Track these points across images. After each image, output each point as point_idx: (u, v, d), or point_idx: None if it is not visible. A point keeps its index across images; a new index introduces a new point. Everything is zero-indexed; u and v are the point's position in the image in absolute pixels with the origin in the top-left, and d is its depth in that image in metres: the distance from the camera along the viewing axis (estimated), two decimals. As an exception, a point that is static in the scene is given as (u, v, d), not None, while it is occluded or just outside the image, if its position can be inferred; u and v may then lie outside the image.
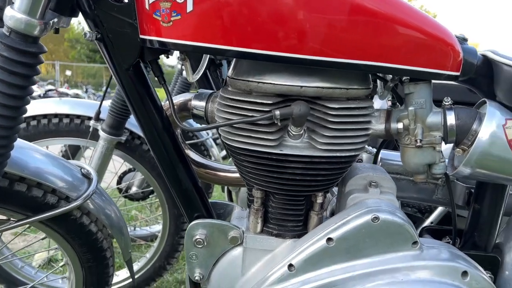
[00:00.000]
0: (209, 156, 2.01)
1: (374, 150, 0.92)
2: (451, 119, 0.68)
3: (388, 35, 0.64)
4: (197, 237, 0.79)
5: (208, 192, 2.20)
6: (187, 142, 1.99)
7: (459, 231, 0.87)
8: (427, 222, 1.43)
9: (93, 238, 0.97)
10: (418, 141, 0.69)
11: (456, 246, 0.87)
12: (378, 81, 0.79)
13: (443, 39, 0.66)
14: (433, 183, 0.91)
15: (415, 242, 0.70)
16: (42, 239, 1.17)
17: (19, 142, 0.83)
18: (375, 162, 0.89)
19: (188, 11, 0.60)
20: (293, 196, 0.75)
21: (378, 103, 1.24)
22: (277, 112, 0.66)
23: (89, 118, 1.49)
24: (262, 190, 0.76)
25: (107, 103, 1.49)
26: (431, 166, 0.72)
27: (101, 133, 1.45)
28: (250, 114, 0.69)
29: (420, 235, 0.91)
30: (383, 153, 0.97)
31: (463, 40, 0.71)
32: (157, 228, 2.32)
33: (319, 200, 0.77)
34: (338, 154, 0.70)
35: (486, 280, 0.70)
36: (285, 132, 0.71)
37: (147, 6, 0.64)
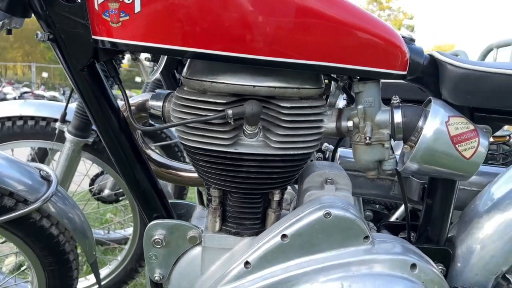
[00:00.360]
0: (183, 157, 2.00)
1: (332, 147, 0.94)
2: (398, 117, 0.70)
3: (337, 36, 0.66)
4: (156, 237, 0.79)
5: (183, 193, 2.19)
6: (161, 143, 1.98)
7: (415, 226, 0.90)
8: (392, 218, 1.47)
9: (54, 241, 0.96)
10: (367, 138, 0.71)
11: (412, 240, 0.90)
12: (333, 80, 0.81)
13: (389, 40, 0.69)
14: (389, 179, 0.93)
15: (366, 237, 0.72)
16: (2, 243, 1.15)
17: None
18: (333, 159, 0.90)
19: (136, 11, 0.61)
20: (250, 195, 0.76)
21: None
22: (230, 112, 0.67)
23: (55, 120, 1.47)
24: (219, 189, 0.77)
25: (73, 105, 1.48)
26: (381, 163, 0.75)
27: (67, 135, 1.43)
28: (204, 114, 0.70)
29: (379, 230, 0.93)
30: (342, 151, 0.99)
31: (410, 40, 0.74)
32: (131, 230, 2.30)
33: (276, 197, 0.78)
34: (291, 152, 0.72)
35: (434, 272, 0.72)
36: (240, 131, 0.73)
37: (96, 7, 0.64)
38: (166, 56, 0.91)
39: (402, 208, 1.47)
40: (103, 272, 1.76)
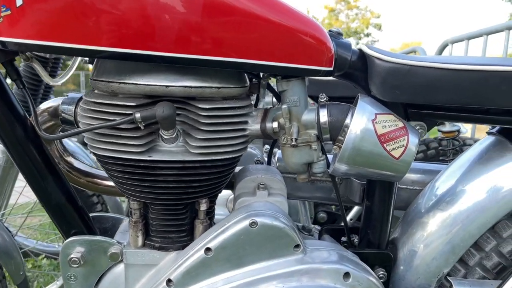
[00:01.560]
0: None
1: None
2: (323, 116, 0.65)
3: (254, 31, 0.61)
4: (72, 256, 0.72)
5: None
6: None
7: (357, 229, 0.86)
8: (347, 218, 1.44)
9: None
10: (293, 140, 0.65)
11: (355, 244, 0.85)
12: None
13: (312, 34, 0.64)
14: (329, 181, 0.89)
15: (297, 246, 0.67)
16: None
17: None
18: (269, 162, 0.85)
19: (18, 5, 0.54)
20: (172, 206, 0.70)
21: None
22: (138, 115, 0.61)
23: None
24: (139, 200, 0.70)
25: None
26: (311, 165, 0.70)
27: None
28: (113, 118, 0.63)
29: (320, 235, 0.89)
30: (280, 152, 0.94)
31: (338, 34, 0.69)
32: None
33: (203, 207, 0.72)
34: (213, 157, 0.66)
35: (370, 280, 0.68)
36: (157, 137, 0.66)
37: (-23, 1, 0.56)
38: (79, 58, 0.83)
39: (356, 209, 1.45)
40: (51, 288, 1.65)
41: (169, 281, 0.67)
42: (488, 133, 0.81)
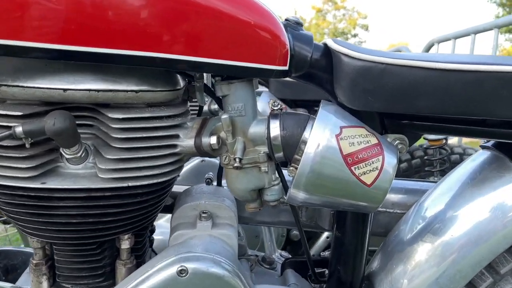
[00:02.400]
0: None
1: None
2: (275, 128, 0.50)
3: (184, 19, 0.45)
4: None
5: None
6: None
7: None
8: (322, 237, 1.29)
9: None
10: (237, 160, 0.50)
11: (324, 280, 0.71)
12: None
13: (260, 24, 0.49)
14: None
15: (243, 297, 0.52)
16: None
17: None
18: (219, 182, 0.70)
19: None
20: (81, 245, 0.54)
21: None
22: (19, 129, 0.45)
23: None
24: (38, 238, 0.54)
25: None
26: (262, 192, 0.54)
27: None
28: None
29: (283, 270, 0.73)
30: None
31: (296, 24, 0.54)
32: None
33: (125, 245, 0.56)
34: (130, 183, 0.50)
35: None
36: (59, 156, 0.50)
37: None
38: None
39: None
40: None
41: None
42: (483, 147, 0.66)
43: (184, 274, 0.49)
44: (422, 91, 0.50)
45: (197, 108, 0.66)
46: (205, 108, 1.15)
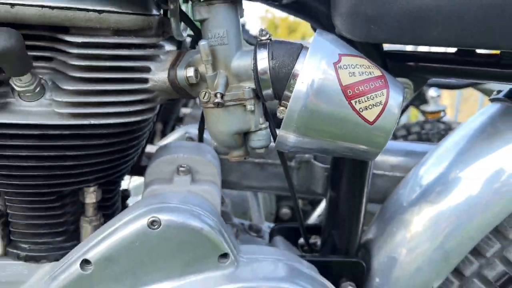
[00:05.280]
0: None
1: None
2: (263, 60, 0.43)
3: None
4: None
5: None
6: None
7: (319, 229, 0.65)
8: (314, 215, 1.23)
9: None
10: (219, 96, 0.43)
11: (317, 248, 0.64)
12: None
13: None
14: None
15: (224, 255, 0.45)
16: None
17: None
18: (200, 138, 0.62)
19: None
20: (37, 195, 0.46)
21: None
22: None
23: None
24: (-12, 188, 0.47)
25: None
26: (247, 136, 0.47)
27: None
28: None
29: (271, 237, 0.67)
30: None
31: None
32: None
33: (91, 198, 0.49)
34: (92, 121, 0.43)
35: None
36: (10, 90, 0.43)
37: None
38: None
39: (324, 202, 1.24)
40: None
41: (31, 309, 0.44)
42: (492, 99, 0.60)
43: (156, 226, 0.42)
44: (434, 18, 0.43)
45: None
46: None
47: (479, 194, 0.57)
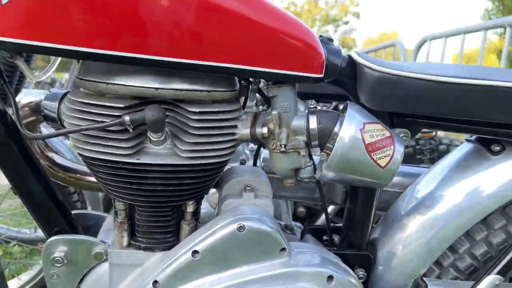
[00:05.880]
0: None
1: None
2: (313, 123, 0.66)
3: (244, 35, 0.60)
4: (56, 255, 0.71)
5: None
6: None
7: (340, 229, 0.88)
8: (322, 217, 1.47)
9: None
10: (283, 146, 0.66)
11: (336, 244, 0.88)
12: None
13: (303, 40, 0.64)
14: (313, 182, 0.90)
15: (283, 249, 0.68)
16: None
17: None
18: (255, 163, 0.86)
19: (3, 2, 0.51)
20: (159, 208, 0.70)
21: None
22: (127, 118, 0.60)
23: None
24: (125, 202, 0.70)
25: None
26: (298, 170, 0.71)
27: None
28: (100, 120, 0.62)
29: (303, 235, 0.90)
30: (266, 153, 0.94)
31: (328, 40, 0.69)
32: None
33: (190, 209, 0.72)
34: (202, 161, 0.66)
35: (352, 282, 0.70)
36: (145, 138, 0.65)
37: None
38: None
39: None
40: (24, 277, 1.63)
41: (155, 282, 0.67)
42: (467, 140, 0.84)
43: (242, 230, 0.66)
44: (425, 97, 0.66)
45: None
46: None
47: (455, 208, 0.80)
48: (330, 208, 1.36)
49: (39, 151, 0.83)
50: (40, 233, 2.16)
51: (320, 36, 0.70)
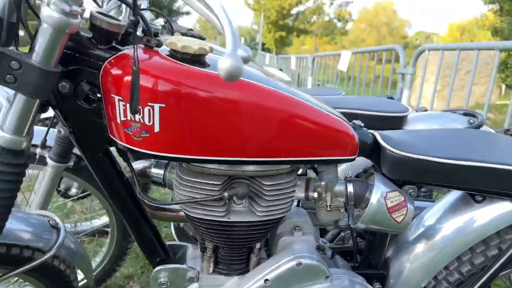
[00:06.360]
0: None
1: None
2: (350, 189, 0.94)
3: (307, 137, 0.86)
4: (161, 280, 0.99)
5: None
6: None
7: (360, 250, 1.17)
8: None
9: (62, 274, 1.12)
10: (328, 206, 0.94)
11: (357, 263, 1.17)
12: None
13: (343, 131, 0.90)
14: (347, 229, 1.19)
15: (327, 277, 0.97)
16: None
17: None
18: (298, 204, 1.13)
19: (155, 131, 0.77)
20: (238, 247, 0.98)
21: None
22: (226, 194, 0.87)
23: (35, 146, 1.55)
24: (215, 243, 0.97)
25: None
26: (337, 221, 0.99)
27: (48, 160, 1.52)
28: (204, 193, 0.88)
29: (332, 256, 1.19)
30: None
31: (360, 127, 0.96)
32: (98, 222, 2.43)
33: (258, 246, 1.00)
34: (272, 217, 0.93)
35: (374, 299, 0.99)
36: (231, 201, 0.93)
37: (119, 121, 0.79)
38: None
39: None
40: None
41: (237, 300, 0.96)
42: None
43: (300, 266, 0.94)
44: (431, 173, 0.93)
45: None
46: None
47: (448, 238, 1.09)
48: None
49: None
50: (79, 227, 2.45)
51: (353, 123, 0.96)
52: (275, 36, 35.81)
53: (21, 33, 0.71)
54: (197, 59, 0.80)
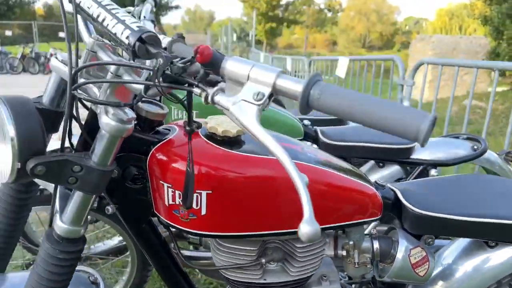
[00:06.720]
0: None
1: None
2: (376, 246, 1.01)
3: (337, 205, 0.93)
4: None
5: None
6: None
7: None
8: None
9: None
10: (356, 263, 1.01)
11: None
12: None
13: (368, 194, 0.97)
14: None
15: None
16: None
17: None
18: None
19: (202, 214, 0.83)
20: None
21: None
22: (263, 260, 0.94)
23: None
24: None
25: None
26: (364, 274, 1.06)
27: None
28: (242, 258, 0.95)
29: None
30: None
31: (381, 186, 1.03)
32: (112, 242, 2.49)
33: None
34: (304, 276, 1.00)
35: None
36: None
37: (166, 204, 0.85)
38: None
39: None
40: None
41: None
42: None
43: (331, 318, 1.02)
44: (450, 229, 1.01)
45: None
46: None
47: (465, 278, 1.17)
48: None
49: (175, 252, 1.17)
50: (92, 249, 2.51)
51: (376, 183, 1.03)
52: (265, 27, 35.67)
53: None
54: (235, 140, 0.86)
